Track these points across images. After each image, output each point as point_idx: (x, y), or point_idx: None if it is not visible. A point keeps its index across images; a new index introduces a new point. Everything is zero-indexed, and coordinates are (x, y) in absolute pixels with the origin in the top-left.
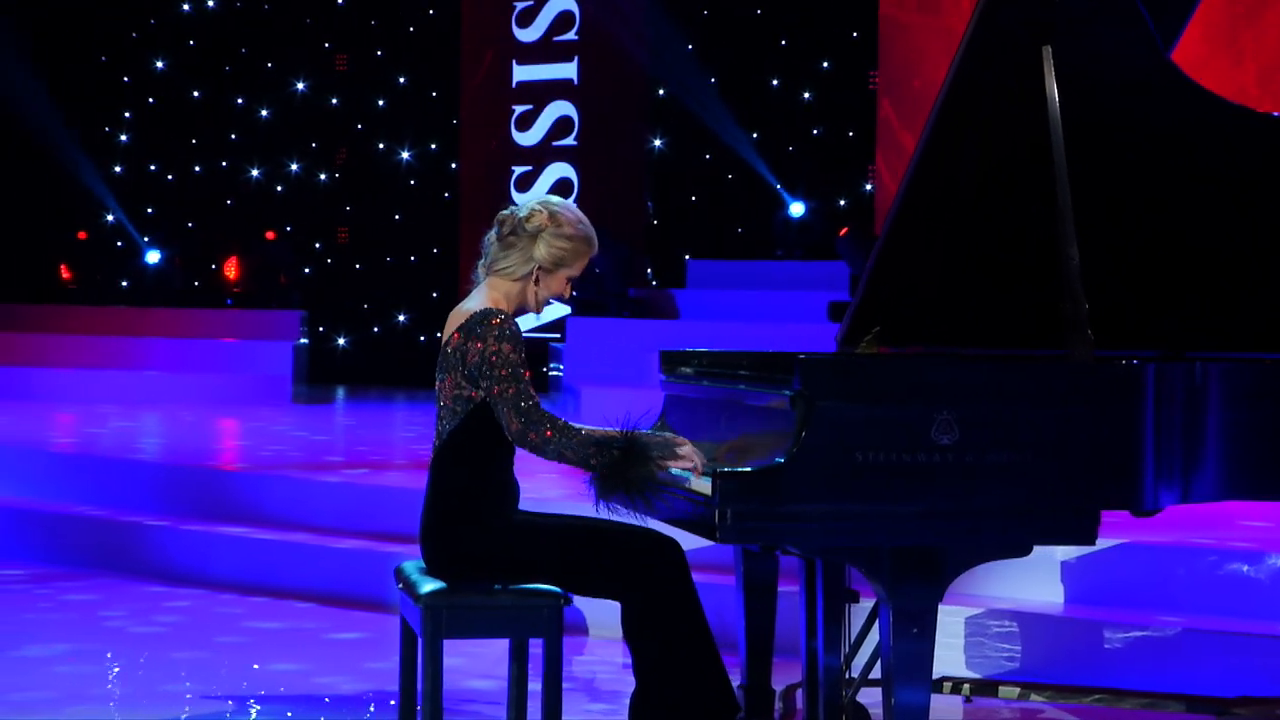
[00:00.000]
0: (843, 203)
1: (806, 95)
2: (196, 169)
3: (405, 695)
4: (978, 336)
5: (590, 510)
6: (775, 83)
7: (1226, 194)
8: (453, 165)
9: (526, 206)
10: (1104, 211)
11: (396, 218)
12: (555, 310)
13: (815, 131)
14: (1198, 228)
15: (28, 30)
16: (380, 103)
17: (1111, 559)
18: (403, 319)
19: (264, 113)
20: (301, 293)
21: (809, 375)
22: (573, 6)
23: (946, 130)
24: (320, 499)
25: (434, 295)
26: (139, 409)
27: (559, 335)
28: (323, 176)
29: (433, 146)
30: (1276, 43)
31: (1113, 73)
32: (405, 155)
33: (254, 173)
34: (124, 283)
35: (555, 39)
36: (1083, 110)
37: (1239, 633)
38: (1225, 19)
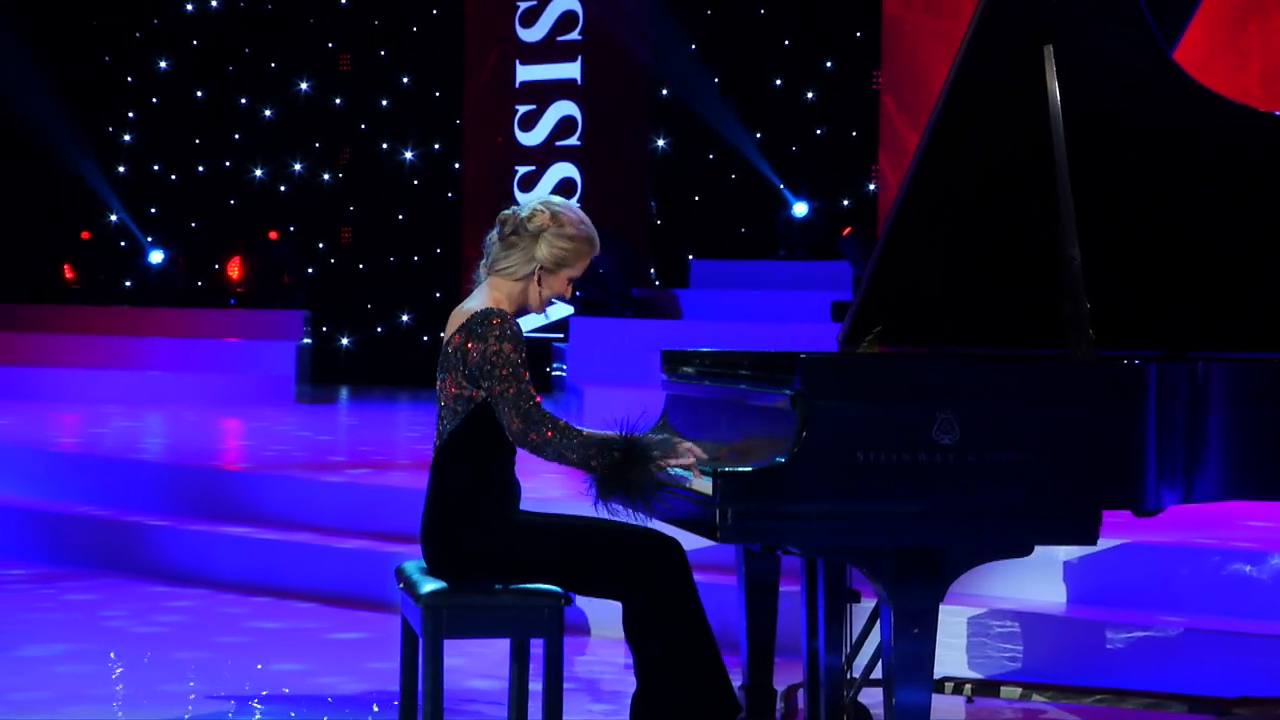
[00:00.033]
0: (846, 203)
1: (810, 95)
2: (200, 169)
3: (406, 695)
4: (979, 336)
5: (591, 511)
6: (778, 83)
7: (1228, 193)
8: (456, 165)
9: (528, 206)
10: (1105, 211)
11: (400, 218)
12: (559, 310)
13: (818, 131)
14: (1199, 227)
15: (31, 30)
16: (384, 103)
17: (1114, 559)
18: (406, 319)
19: (267, 113)
20: (305, 293)
21: (810, 375)
22: (576, 6)
23: (948, 130)
24: (323, 499)
25: (437, 295)
26: (142, 409)
27: (562, 335)
28: (326, 176)
29: (436, 146)
30: None
31: (1114, 72)
32: (409, 155)
33: (257, 173)
34: (127, 283)
35: (559, 39)
36: (1084, 110)
37: (1241, 633)
38: (1229, 19)
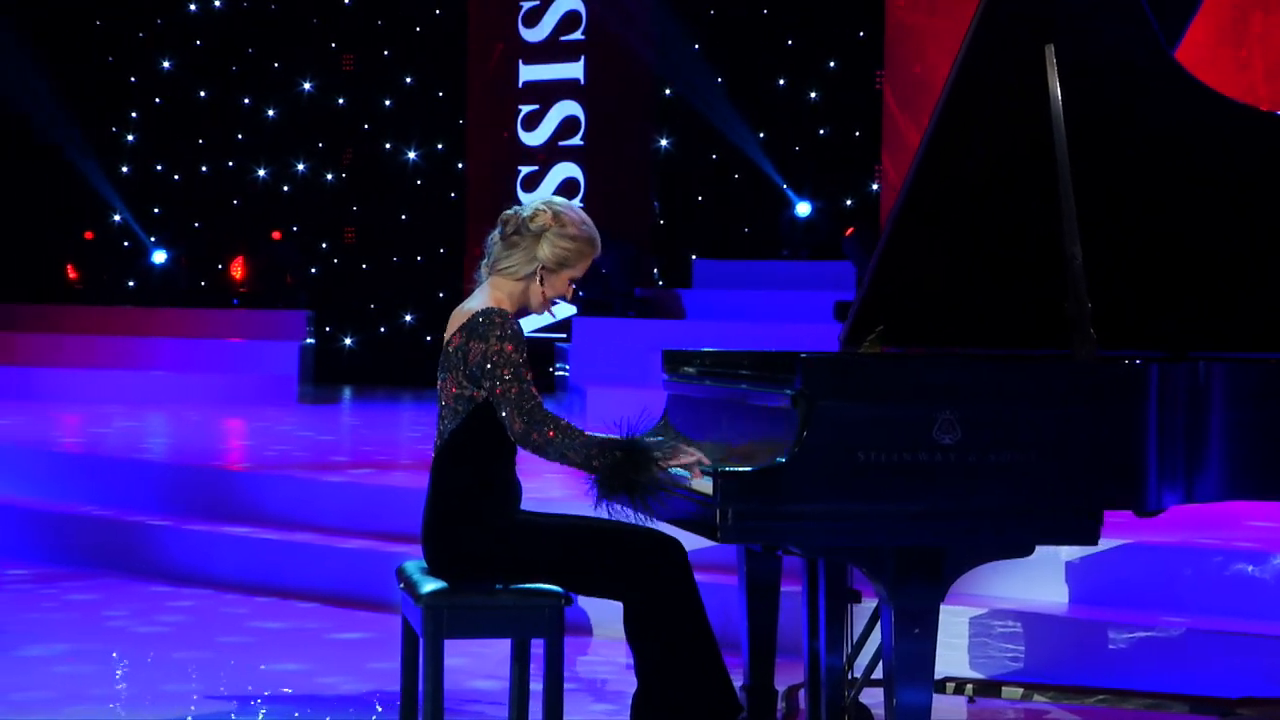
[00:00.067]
0: (849, 202)
1: (813, 95)
2: (203, 169)
3: (406, 695)
4: (981, 336)
5: (592, 511)
6: (782, 82)
7: (1229, 193)
8: (459, 165)
9: (530, 206)
10: (1106, 210)
11: (403, 218)
12: (564, 310)
13: (822, 131)
14: (1200, 227)
15: (35, 30)
16: (387, 103)
17: (1116, 559)
18: (409, 319)
19: (270, 113)
20: (308, 293)
21: (810, 375)
22: (579, 6)
23: (949, 129)
24: (325, 499)
25: (440, 295)
26: (145, 409)
27: (565, 335)
28: (329, 176)
29: (439, 146)
30: None
31: (1115, 70)
32: (412, 155)
33: (260, 173)
34: (130, 283)
35: (562, 39)
36: (1085, 108)
37: (1244, 633)
38: (1231, 16)
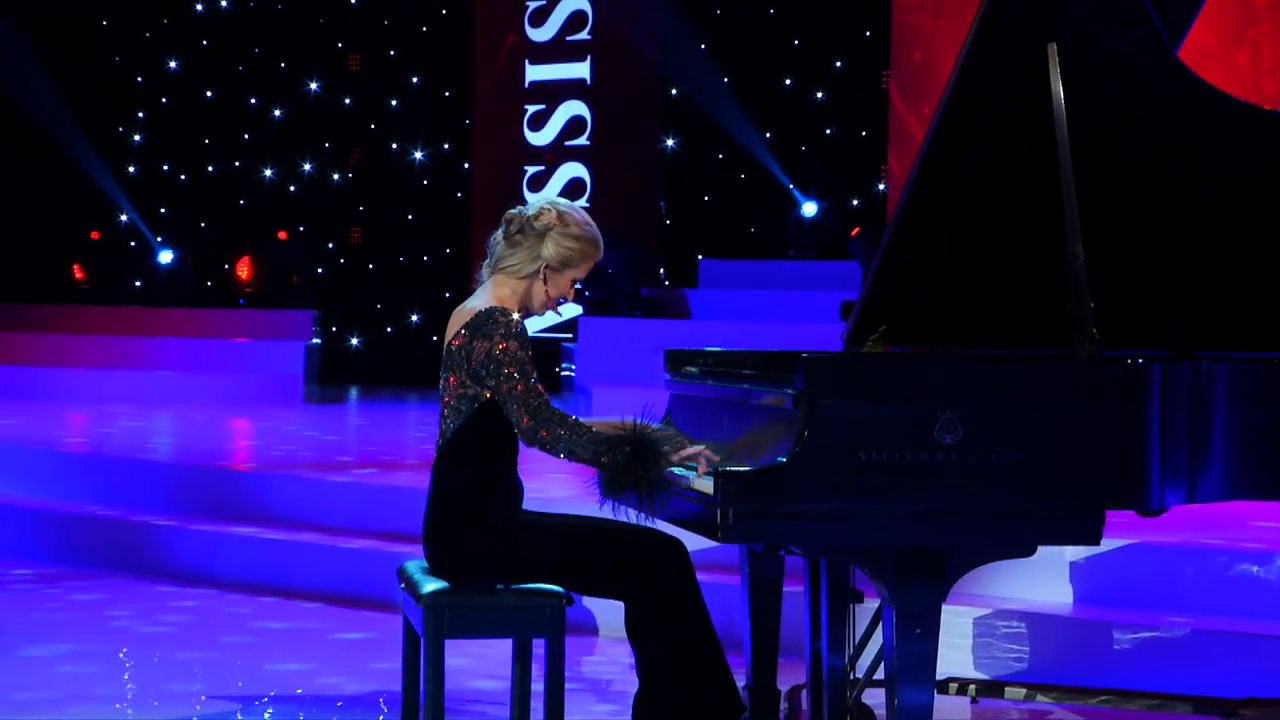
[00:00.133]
0: (855, 202)
1: (819, 95)
2: (209, 169)
3: (408, 695)
4: (983, 336)
5: (595, 509)
6: (788, 82)
7: (1232, 192)
8: (465, 165)
9: (534, 206)
10: (1108, 210)
11: (409, 218)
12: (570, 309)
13: (828, 131)
14: (1202, 226)
15: (41, 31)
16: (393, 103)
17: (1120, 559)
18: (415, 319)
19: (277, 113)
20: (314, 293)
21: (812, 374)
22: (585, 6)
23: (951, 130)
24: (330, 499)
25: (446, 295)
26: (151, 409)
27: (571, 335)
28: (335, 176)
29: (445, 146)
30: None
31: (1117, 70)
32: (418, 155)
33: (267, 173)
34: (137, 283)
35: (568, 39)
36: (1087, 109)
37: (1248, 634)
38: (1237, 15)
